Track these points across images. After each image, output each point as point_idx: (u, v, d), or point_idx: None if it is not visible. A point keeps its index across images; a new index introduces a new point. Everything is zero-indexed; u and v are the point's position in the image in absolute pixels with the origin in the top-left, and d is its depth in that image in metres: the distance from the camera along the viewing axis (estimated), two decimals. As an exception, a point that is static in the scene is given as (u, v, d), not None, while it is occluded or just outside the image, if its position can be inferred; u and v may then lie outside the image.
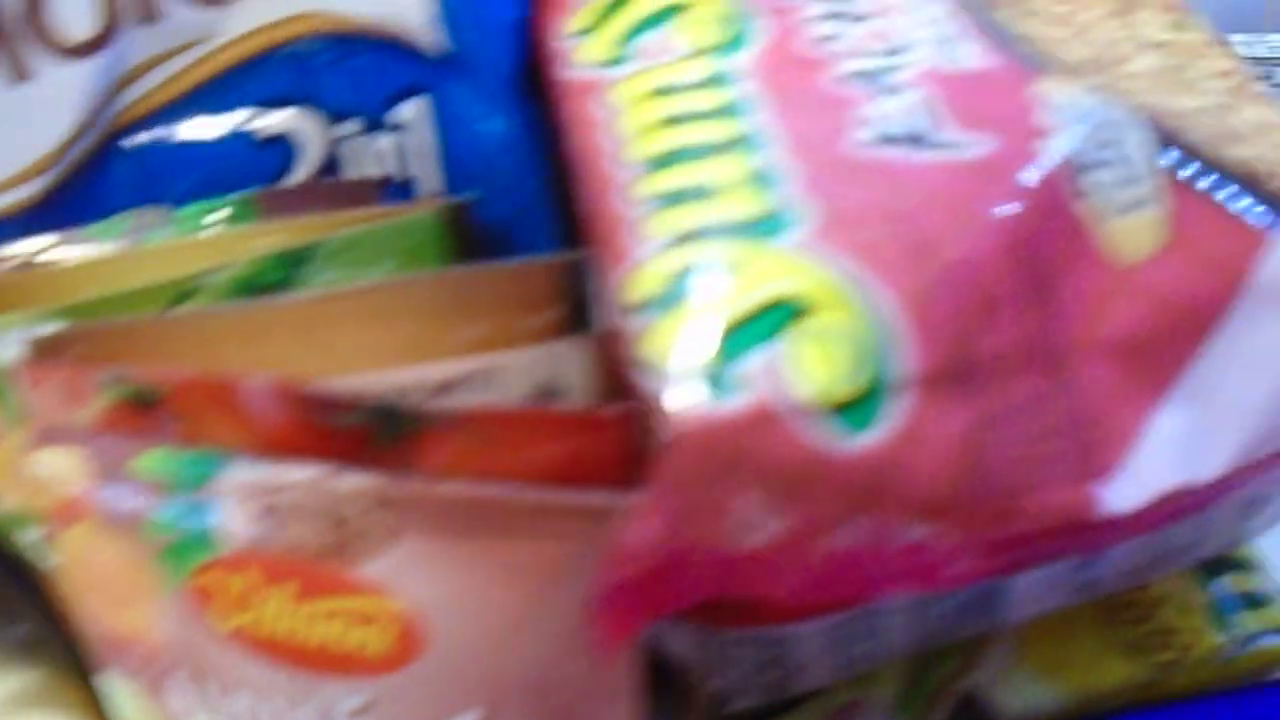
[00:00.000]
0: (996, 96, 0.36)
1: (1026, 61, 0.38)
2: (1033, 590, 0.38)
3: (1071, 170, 0.34)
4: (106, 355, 0.38)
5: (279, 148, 0.48)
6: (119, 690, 0.41)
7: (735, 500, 0.31)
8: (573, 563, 0.35)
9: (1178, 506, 0.35)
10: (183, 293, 0.42)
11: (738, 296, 0.31)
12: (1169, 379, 0.35)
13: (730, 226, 0.33)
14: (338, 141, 0.48)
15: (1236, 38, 0.97)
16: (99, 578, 0.40)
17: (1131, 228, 0.35)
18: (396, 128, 0.48)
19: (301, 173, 0.48)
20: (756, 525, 0.31)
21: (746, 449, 0.30)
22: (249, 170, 0.47)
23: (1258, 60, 0.94)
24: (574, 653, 0.35)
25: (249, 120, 0.48)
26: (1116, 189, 0.35)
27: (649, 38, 0.39)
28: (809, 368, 0.30)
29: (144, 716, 0.40)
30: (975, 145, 0.34)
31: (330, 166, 0.48)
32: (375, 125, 0.48)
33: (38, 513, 0.42)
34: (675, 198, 0.34)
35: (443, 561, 0.35)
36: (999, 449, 0.32)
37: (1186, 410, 0.35)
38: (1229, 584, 0.46)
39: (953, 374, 0.32)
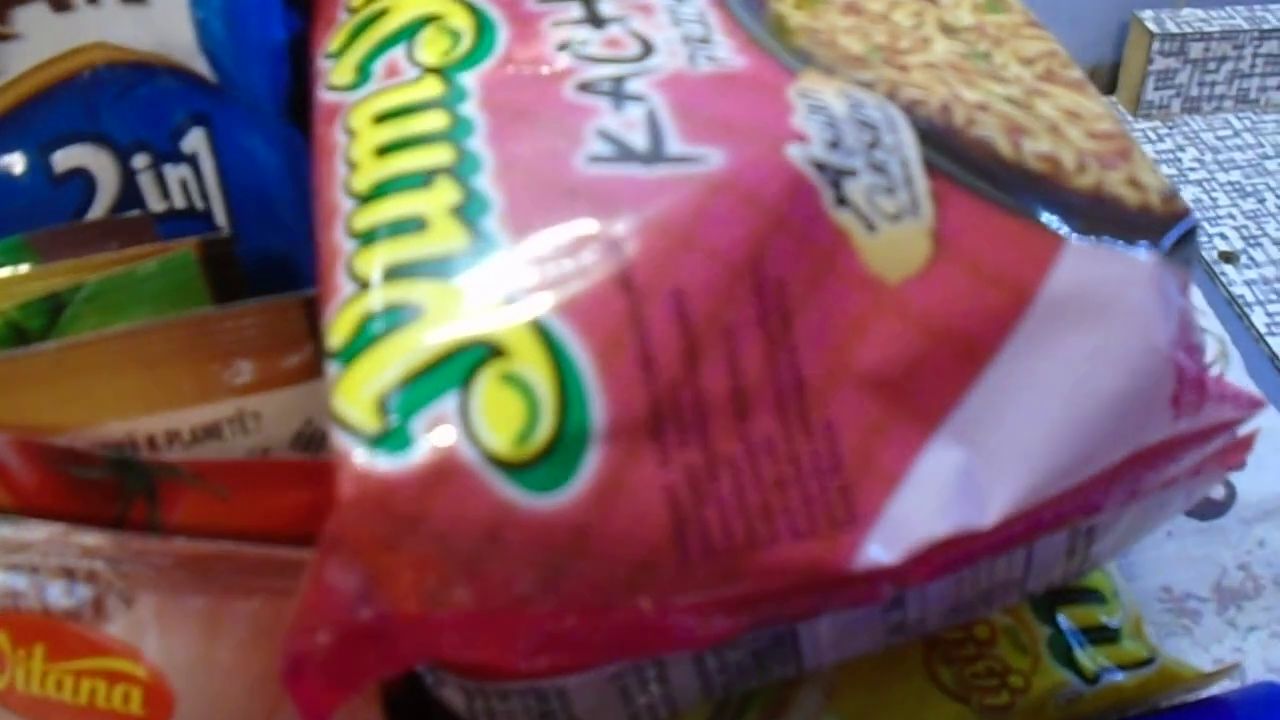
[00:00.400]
0: (743, 101, 0.33)
1: (789, 59, 0.35)
2: (835, 634, 0.34)
3: (821, 178, 0.31)
4: None
5: (75, 183, 0.46)
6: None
7: (424, 561, 0.28)
8: None
9: (960, 553, 0.32)
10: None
11: (424, 342, 0.28)
12: (938, 413, 0.31)
13: (428, 264, 0.30)
14: (134, 174, 0.46)
15: (1147, 13, 0.93)
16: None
17: (894, 240, 0.31)
18: (188, 158, 0.46)
19: (100, 207, 0.46)
20: (453, 587, 0.28)
21: (425, 507, 0.27)
22: (48, 207, 0.46)
23: (1170, 36, 0.90)
24: None
25: (42, 156, 0.45)
26: (876, 197, 0.31)
27: (389, 57, 0.36)
28: (494, 421, 0.27)
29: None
30: (709, 158, 0.31)
31: (131, 199, 0.46)
32: (167, 156, 0.46)
33: None
34: (381, 232, 0.31)
35: (180, 620, 0.34)
36: (724, 500, 0.29)
37: (960, 448, 0.31)
38: (1073, 618, 0.42)
39: (661, 419, 0.28)
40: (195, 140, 0.45)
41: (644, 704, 0.35)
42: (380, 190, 0.32)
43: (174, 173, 0.46)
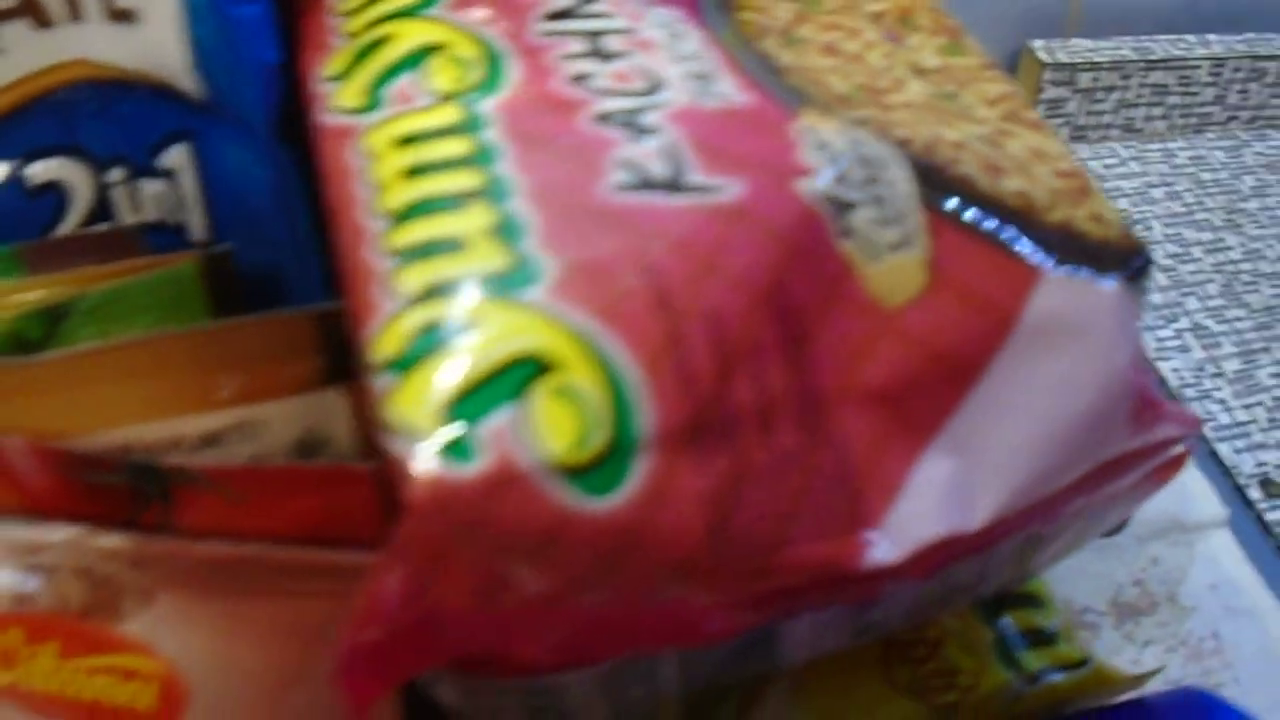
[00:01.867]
0: (752, 135, 0.35)
1: (786, 96, 0.37)
2: (810, 633, 0.37)
3: (828, 210, 0.34)
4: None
5: (49, 197, 0.47)
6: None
7: (481, 562, 0.30)
8: (331, 620, 0.35)
9: (949, 554, 0.34)
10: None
11: (479, 355, 0.30)
12: (933, 427, 0.34)
13: (473, 281, 0.31)
14: (107, 188, 0.47)
15: (1038, 43, 0.97)
16: None
17: (894, 269, 0.34)
18: (165, 173, 0.47)
19: (73, 220, 0.47)
20: (505, 587, 0.30)
21: (488, 512, 0.29)
22: (20, 220, 0.46)
23: (1059, 65, 0.94)
24: (336, 710, 0.34)
25: (17, 170, 0.46)
26: (877, 229, 0.34)
27: (400, 82, 0.38)
28: (550, 429, 0.29)
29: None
30: (727, 188, 0.33)
31: (102, 212, 0.47)
32: (143, 171, 0.47)
33: None
34: (420, 251, 0.32)
35: (199, 620, 0.35)
36: (753, 505, 0.31)
37: (952, 458, 0.34)
38: (1015, 621, 0.45)
39: (699, 430, 0.31)
40: (175, 156, 0.46)
41: (633, 698, 0.37)
42: (414, 211, 0.34)
43: (149, 187, 0.47)
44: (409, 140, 0.36)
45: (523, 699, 0.35)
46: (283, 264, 0.45)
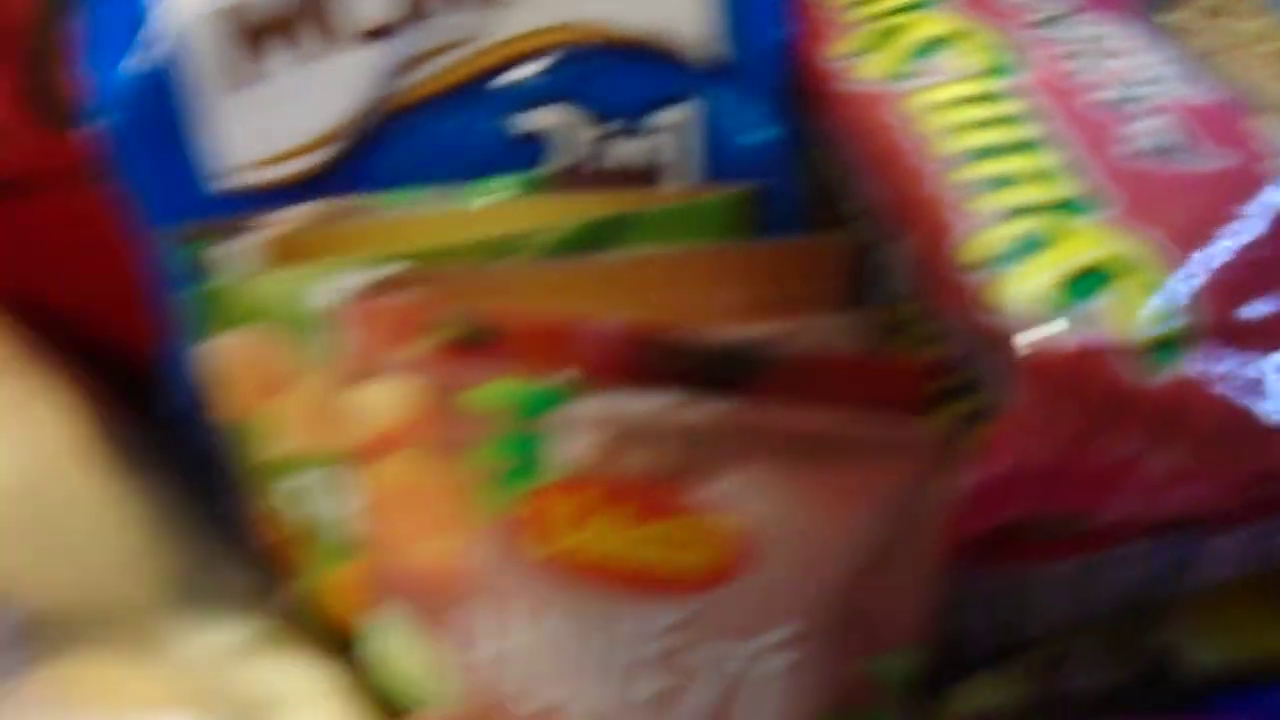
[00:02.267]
0: (1230, 123, 0.44)
1: (1240, 99, 0.47)
2: (1223, 554, 0.45)
3: (1288, 187, 0.42)
4: (443, 298, 0.41)
5: (533, 143, 0.51)
6: (389, 626, 0.44)
7: (1072, 421, 0.37)
8: (891, 489, 0.39)
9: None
10: (504, 250, 0.46)
11: (1072, 256, 0.38)
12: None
13: (1048, 205, 0.40)
14: (594, 141, 0.51)
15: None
16: (408, 508, 0.42)
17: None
18: (653, 131, 0.52)
19: (555, 166, 0.51)
20: (1086, 444, 0.38)
21: (1080, 377, 0.37)
22: (503, 162, 0.50)
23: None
24: (884, 572, 0.40)
25: (509, 116, 0.51)
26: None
27: (927, 59, 0.47)
28: (1126, 314, 0.37)
29: (417, 649, 0.43)
30: (1222, 159, 0.42)
31: (576, 165, 0.52)
32: (633, 130, 0.51)
33: (332, 451, 0.45)
34: (993, 183, 0.41)
35: (781, 485, 0.38)
36: (1249, 395, 0.39)
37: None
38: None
39: (1224, 332, 0.39)
40: (671, 116, 0.51)
41: (1076, 604, 0.45)
42: (976, 155, 0.42)
43: (636, 144, 0.52)
44: (956, 101, 0.45)
45: (997, 591, 0.44)
46: (770, 222, 0.51)
